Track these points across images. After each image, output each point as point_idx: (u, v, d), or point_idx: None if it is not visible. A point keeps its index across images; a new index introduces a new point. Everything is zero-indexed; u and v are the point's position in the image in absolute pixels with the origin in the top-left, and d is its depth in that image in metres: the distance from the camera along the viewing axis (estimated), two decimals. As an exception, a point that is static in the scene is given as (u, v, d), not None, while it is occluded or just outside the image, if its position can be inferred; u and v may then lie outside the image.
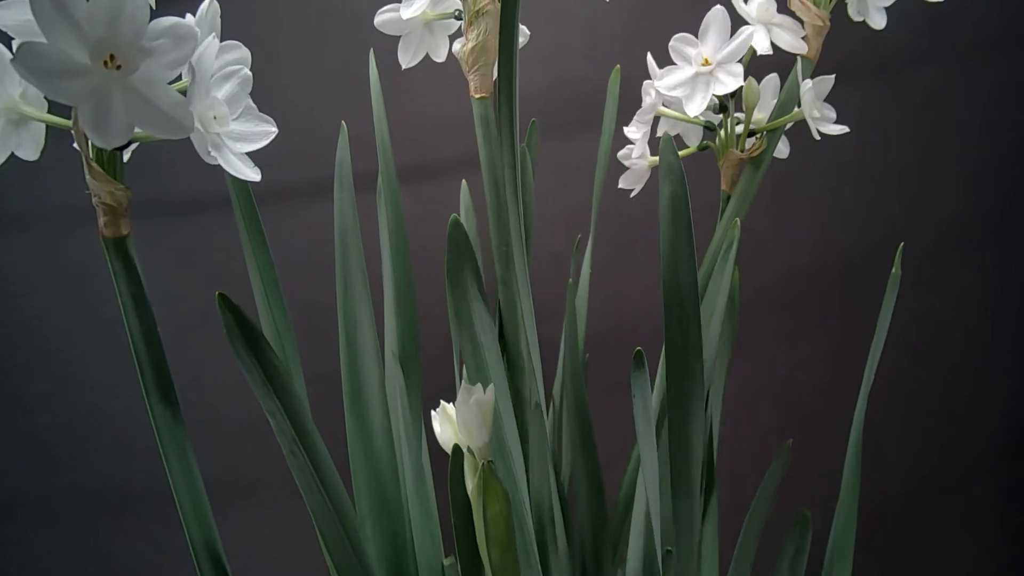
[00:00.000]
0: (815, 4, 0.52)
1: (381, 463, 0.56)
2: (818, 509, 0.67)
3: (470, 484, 0.45)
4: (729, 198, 0.57)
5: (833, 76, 0.54)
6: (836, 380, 1.04)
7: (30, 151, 0.41)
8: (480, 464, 0.44)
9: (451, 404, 0.46)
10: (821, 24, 0.51)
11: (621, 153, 0.59)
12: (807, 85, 0.51)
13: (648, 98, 0.54)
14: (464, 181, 0.63)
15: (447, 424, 0.46)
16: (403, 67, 0.55)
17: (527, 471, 0.54)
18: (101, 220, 0.41)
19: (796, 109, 0.53)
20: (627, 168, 0.59)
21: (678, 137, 0.59)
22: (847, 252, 1.02)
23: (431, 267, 0.61)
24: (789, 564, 0.47)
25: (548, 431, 0.57)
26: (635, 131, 0.56)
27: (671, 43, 0.51)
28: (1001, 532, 1.14)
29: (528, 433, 0.54)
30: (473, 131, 0.95)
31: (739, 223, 0.55)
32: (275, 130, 0.42)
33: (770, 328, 1.01)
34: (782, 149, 0.58)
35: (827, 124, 0.52)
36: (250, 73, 0.40)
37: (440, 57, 0.58)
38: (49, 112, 0.41)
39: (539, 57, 0.59)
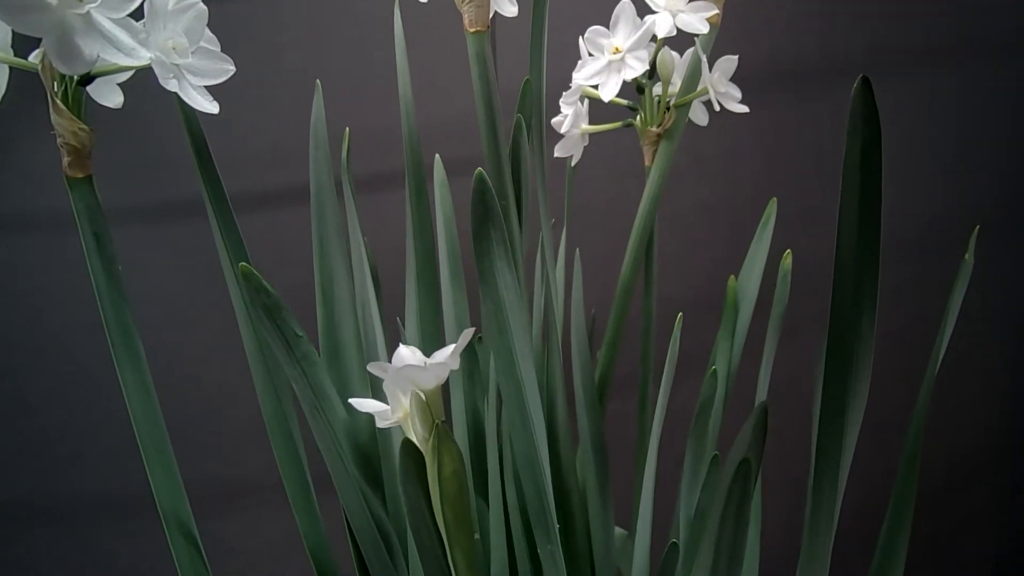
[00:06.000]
0: None
1: (358, 421, 0.56)
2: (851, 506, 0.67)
3: (421, 432, 0.44)
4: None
5: (736, 56, 0.58)
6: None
7: None
8: (434, 423, 0.44)
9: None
10: None
11: (555, 120, 0.62)
12: (704, 61, 0.55)
13: (575, 82, 0.58)
14: (437, 155, 0.63)
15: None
16: None
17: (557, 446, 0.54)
18: (65, 160, 0.43)
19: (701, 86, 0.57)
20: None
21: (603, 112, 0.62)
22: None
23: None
24: (735, 510, 0.47)
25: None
26: (566, 108, 0.61)
27: (586, 35, 0.55)
28: (1001, 532, 1.14)
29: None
30: (466, 133, 0.96)
31: (775, 201, 0.62)
32: (232, 68, 0.44)
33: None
34: (701, 117, 0.62)
35: (731, 101, 0.58)
36: (204, 7, 0.42)
37: None
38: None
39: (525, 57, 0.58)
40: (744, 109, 0.59)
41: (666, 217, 0.99)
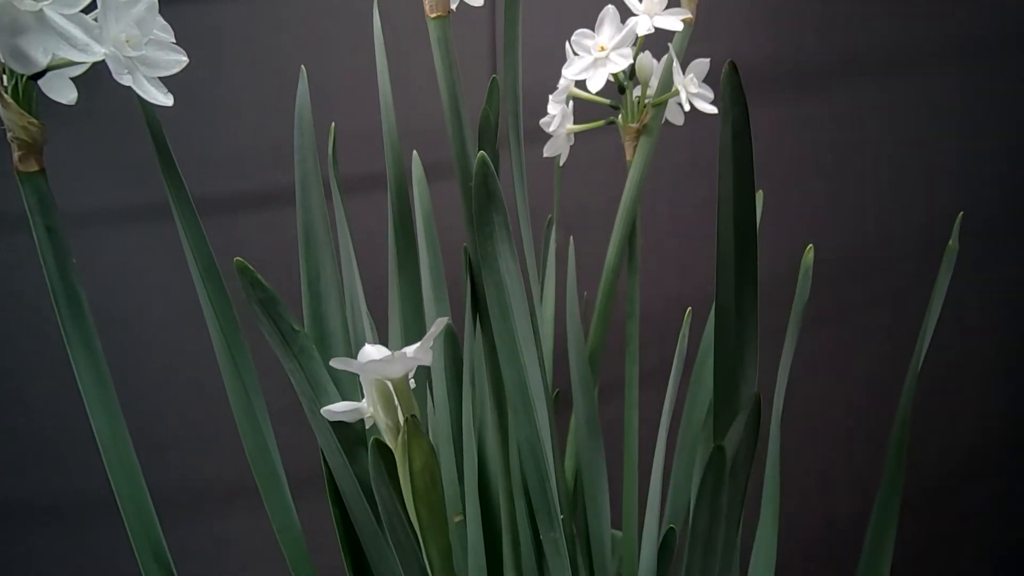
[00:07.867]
0: None
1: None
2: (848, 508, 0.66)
3: (386, 421, 0.45)
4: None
5: (708, 60, 0.61)
6: (839, 378, 1.04)
7: None
8: (403, 418, 0.44)
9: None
10: None
11: (543, 120, 0.66)
12: (676, 63, 0.60)
13: (563, 81, 0.63)
14: (415, 152, 0.63)
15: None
16: None
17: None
18: (15, 155, 0.43)
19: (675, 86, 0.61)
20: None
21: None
22: (845, 251, 1.02)
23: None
24: (709, 500, 0.47)
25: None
26: (554, 107, 0.65)
27: (572, 38, 0.59)
28: (1000, 533, 1.13)
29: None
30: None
31: (761, 193, 0.63)
32: (186, 59, 0.44)
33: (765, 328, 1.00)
34: (677, 116, 0.65)
35: (703, 102, 0.61)
36: (155, -1, 0.42)
37: None
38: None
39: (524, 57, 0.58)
40: (713, 110, 0.60)
41: (668, 216, 0.99)
